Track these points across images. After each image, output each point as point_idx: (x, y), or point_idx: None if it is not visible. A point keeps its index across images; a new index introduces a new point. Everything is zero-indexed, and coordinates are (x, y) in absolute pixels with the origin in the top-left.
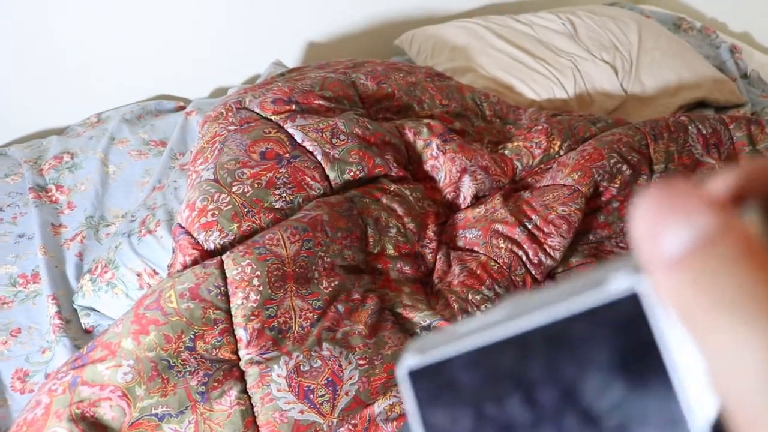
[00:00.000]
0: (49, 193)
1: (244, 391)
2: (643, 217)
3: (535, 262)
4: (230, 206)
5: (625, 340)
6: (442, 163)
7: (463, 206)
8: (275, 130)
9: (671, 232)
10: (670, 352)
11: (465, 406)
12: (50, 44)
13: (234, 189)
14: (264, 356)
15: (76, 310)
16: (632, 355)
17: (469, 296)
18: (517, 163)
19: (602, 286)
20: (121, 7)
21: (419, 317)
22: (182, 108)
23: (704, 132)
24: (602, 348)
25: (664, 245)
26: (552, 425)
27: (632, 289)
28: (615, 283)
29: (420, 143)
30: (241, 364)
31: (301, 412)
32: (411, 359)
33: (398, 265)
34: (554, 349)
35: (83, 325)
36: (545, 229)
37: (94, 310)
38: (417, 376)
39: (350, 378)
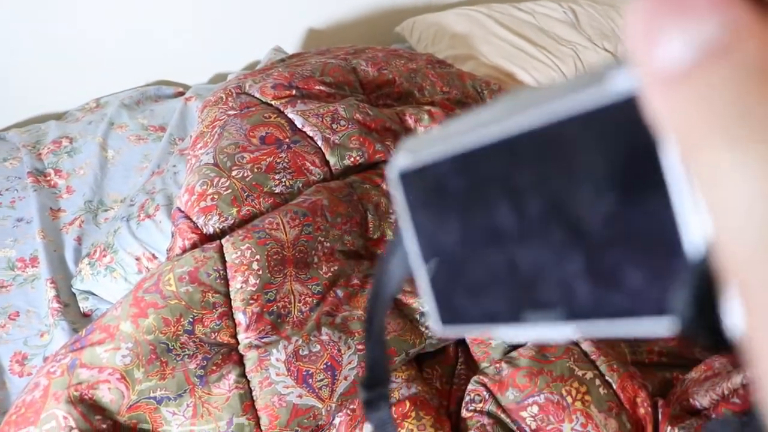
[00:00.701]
0: (48, 178)
1: (243, 375)
2: (639, 15)
3: None
4: (230, 190)
5: (624, 146)
6: None
7: None
8: (275, 115)
9: (673, 37)
10: (671, 162)
11: (454, 210)
12: (50, 30)
13: (234, 173)
14: (263, 340)
15: (74, 294)
16: (629, 164)
17: None
18: None
19: (601, 84)
20: None
21: (418, 303)
22: (181, 94)
23: None
24: (597, 154)
25: (663, 54)
26: (539, 235)
27: (633, 90)
28: (614, 82)
29: (420, 130)
30: (240, 348)
31: (300, 396)
32: (402, 160)
33: None
34: (545, 155)
35: (81, 309)
36: None
37: (93, 293)
38: (408, 177)
39: (349, 363)
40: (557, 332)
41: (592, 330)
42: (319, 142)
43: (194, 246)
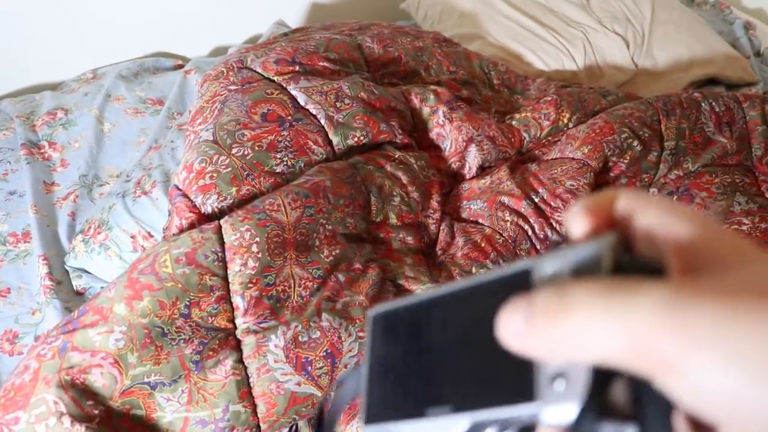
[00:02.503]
0: (42, 150)
1: (240, 360)
2: (507, 324)
3: (541, 236)
4: (229, 169)
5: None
6: (448, 132)
7: (468, 176)
8: (277, 92)
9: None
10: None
11: (401, 341)
12: None
13: (234, 151)
14: (261, 325)
15: (67, 271)
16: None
17: (473, 269)
18: (525, 135)
19: (508, 270)
20: None
21: (421, 289)
22: (181, 66)
23: (717, 109)
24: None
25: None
26: (448, 354)
27: (526, 267)
28: (512, 268)
29: (426, 110)
30: (238, 333)
31: (299, 384)
32: (377, 308)
33: (401, 235)
34: (468, 305)
35: (75, 287)
36: (552, 203)
37: (86, 271)
38: (378, 319)
39: (350, 350)
40: (452, 423)
41: (476, 416)
42: (322, 121)
43: (192, 226)
